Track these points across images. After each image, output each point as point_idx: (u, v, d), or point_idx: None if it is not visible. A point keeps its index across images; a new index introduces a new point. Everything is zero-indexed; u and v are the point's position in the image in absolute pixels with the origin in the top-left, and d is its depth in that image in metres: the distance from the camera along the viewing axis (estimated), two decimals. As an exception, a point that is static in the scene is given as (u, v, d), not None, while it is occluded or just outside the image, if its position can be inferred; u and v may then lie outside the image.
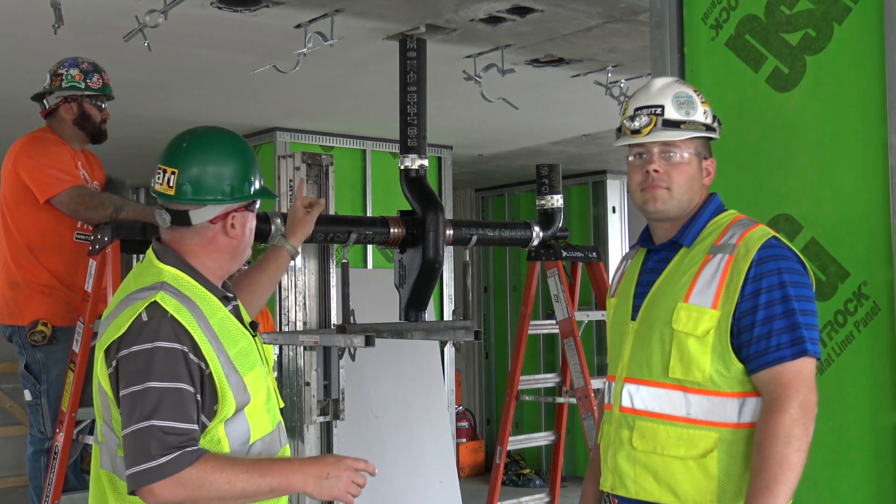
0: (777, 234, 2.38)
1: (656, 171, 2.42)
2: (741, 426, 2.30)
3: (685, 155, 2.43)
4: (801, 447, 2.19)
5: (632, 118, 2.46)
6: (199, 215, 2.26)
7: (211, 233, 2.27)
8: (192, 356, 2.11)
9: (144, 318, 2.12)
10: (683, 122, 2.42)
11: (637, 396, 2.41)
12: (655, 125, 2.42)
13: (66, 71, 4.07)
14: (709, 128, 2.47)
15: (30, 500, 4.04)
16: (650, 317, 2.41)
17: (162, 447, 2.04)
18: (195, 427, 2.10)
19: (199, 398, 2.11)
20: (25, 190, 3.94)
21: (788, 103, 2.94)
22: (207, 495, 2.07)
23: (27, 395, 4.01)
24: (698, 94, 2.49)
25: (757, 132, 3.01)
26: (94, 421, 2.42)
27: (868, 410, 2.74)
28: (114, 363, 2.13)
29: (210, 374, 2.14)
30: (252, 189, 2.31)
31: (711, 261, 2.36)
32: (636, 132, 2.44)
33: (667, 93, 2.46)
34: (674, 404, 2.34)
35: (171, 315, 2.12)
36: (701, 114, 2.46)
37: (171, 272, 2.23)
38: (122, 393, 2.10)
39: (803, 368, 2.24)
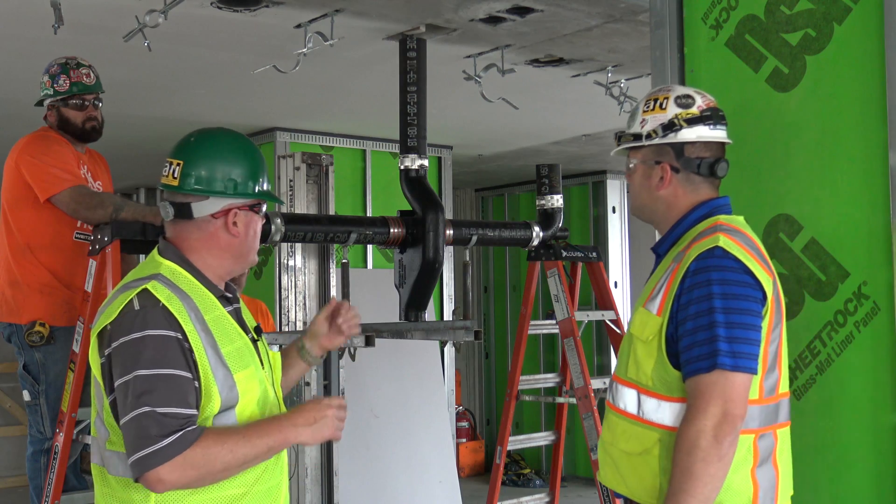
0: (726, 246, 2.33)
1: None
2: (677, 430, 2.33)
3: (631, 164, 2.56)
4: (708, 458, 2.19)
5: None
6: (200, 208, 2.26)
7: (212, 228, 2.27)
8: (185, 343, 2.13)
9: (136, 305, 2.14)
10: (621, 137, 2.56)
11: (612, 391, 2.52)
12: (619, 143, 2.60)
13: (41, 78, 4.09)
14: (637, 136, 2.52)
15: (30, 500, 4.04)
16: (630, 319, 2.54)
17: (162, 431, 2.06)
18: (195, 412, 2.11)
19: (196, 384, 2.13)
20: (27, 188, 3.94)
21: (788, 103, 2.94)
22: (214, 469, 2.10)
23: (26, 396, 4.01)
24: (648, 103, 2.53)
25: (757, 132, 3.01)
26: (94, 421, 2.42)
27: (868, 410, 2.73)
28: (107, 353, 2.14)
29: (197, 365, 2.15)
30: (257, 188, 2.31)
31: (668, 269, 2.42)
32: None
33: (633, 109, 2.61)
34: (631, 402, 2.43)
35: (163, 304, 2.13)
36: (637, 124, 2.53)
37: (169, 266, 2.25)
38: (117, 383, 2.11)
39: (720, 381, 2.23)
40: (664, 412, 2.35)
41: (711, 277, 2.29)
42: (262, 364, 2.33)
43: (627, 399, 2.43)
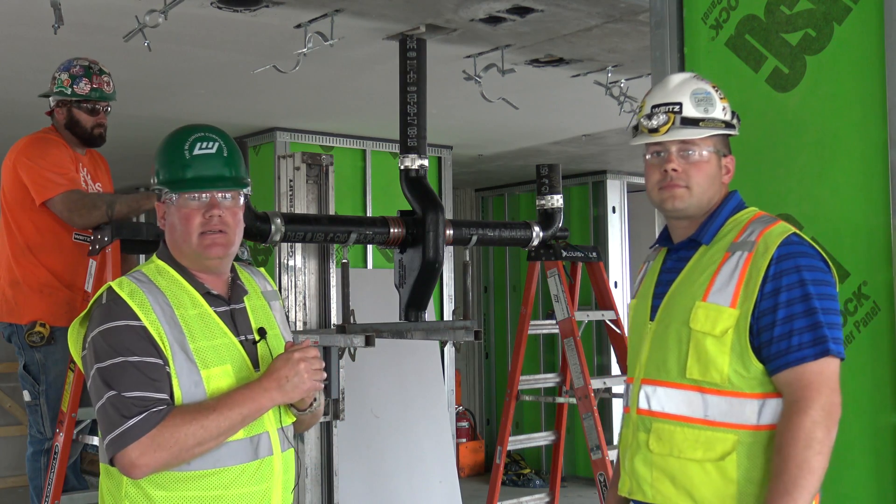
0: (798, 231, 2.32)
1: (675, 169, 2.36)
2: (760, 428, 2.24)
3: (704, 153, 2.38)
4: (823, 450, 2.14)
5: (649, 116, 2.39)
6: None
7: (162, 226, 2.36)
8: (151, 332, 2.17)
9: (103, 300, 2.23)
10: (702, 120, 2.37)
11: (654, 398, 2.35)
12: (674, 123, 2.36)
13: (59, 74, 4.08)
14: (728, 125, 2.42)
15: (30, 500, 4.04)
16: (668, 317, 2.37)
17: (128, 412, 2.10)
18: (164, 396, 2.14)
19: (167, 369, 2.16)
20: (25, 190, 3.95)
21: (789, 103, 2.94)
22: (186, 446, 2.11)
23: (26, 396, 4.01)
24: (717, 91, 2.44)
25: (757, 132, 3.00)
26: (94, 421, 2.43)
27: (868, 410, 2.73)
28: (85, 346, 2.23)
29: (164, 354, 2.18)
30: (159, 179, 2.32)
31: (730, 259, 2.29)
32: (654, 130, 2.38)
33: (685, 89, 2.40)
34: (691, 406, 2.28)
35: (124, 298, 2.20)
36: (720, 110, 2.40)
37: (157, 265, 2.32)
38: (90, 373, 2.18)
39: (825, 369, 2.18)
40: (743, 410, 2.23)
41: (800, 264, 2.23)
42: (257, 365, 2.29)
43: (685, 403, 2.29)
